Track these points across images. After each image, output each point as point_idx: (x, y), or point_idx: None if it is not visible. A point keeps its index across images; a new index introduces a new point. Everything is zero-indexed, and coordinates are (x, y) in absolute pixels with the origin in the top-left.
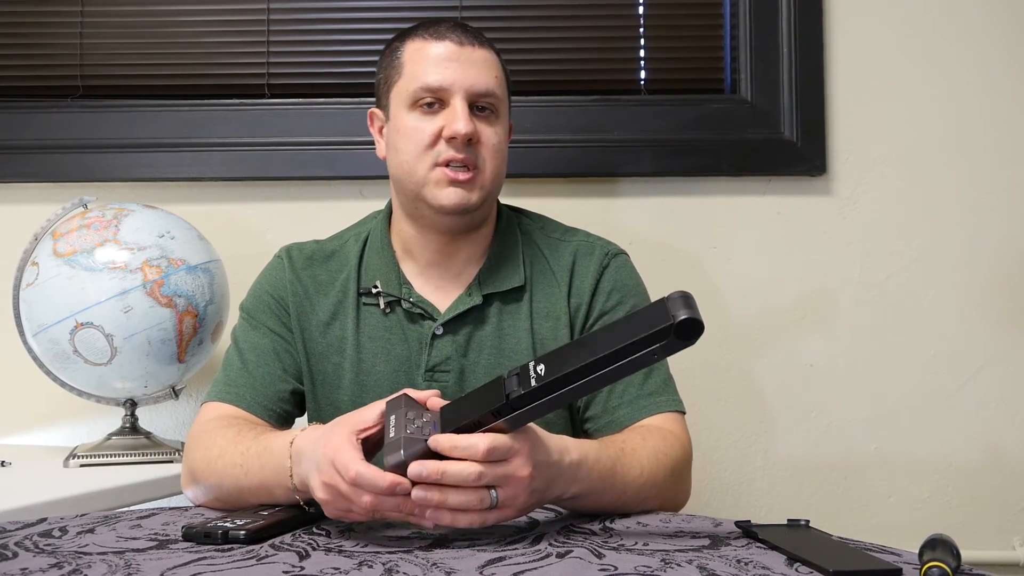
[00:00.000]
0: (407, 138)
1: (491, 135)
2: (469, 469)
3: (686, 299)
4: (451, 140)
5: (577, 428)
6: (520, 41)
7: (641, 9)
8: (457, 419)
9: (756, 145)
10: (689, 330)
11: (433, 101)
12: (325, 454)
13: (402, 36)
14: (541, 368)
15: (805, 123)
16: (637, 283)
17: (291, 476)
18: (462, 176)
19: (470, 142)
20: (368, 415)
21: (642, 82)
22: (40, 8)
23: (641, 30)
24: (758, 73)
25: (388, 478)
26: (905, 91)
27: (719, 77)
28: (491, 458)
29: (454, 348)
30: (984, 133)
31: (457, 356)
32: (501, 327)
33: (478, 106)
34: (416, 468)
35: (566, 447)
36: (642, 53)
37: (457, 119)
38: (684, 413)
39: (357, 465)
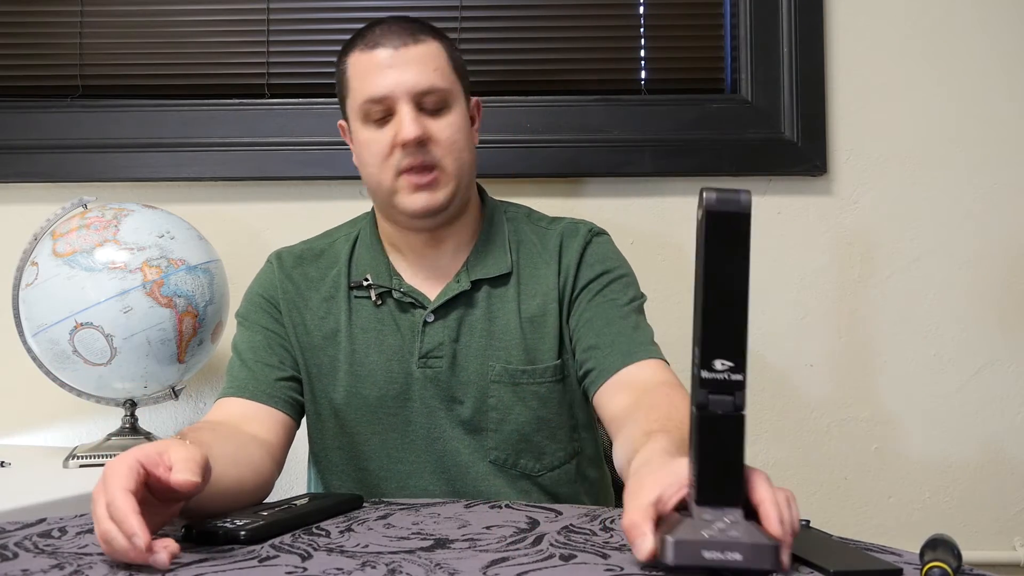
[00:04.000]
0: (367, 151)
1: (443, 128)
2: None
3: None
4: (404, 147)
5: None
6: (520, 41)
7: (642, 9)
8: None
9: (756, 145)
10: None
11: (382, 113)
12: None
13: (345, 49)
14: None
15: (805, 123)
16: (619, 257)
17: None
18: (424, 179)
19: (422, 143)
20: (157, 452)
21: (642, 82)
22: (40, 8)
23: (642, 30)
24: (758, 73)
25: (135, 531)
26: (905, 91)
27: (719, 77)
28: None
29: (446, 334)
30: (984, 133)
31: (449, 341)
32: (490, 310)
33: (425, 104)
34: None
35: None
36: (642, 53)
37: (403, 125)
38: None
39: (114, 494)
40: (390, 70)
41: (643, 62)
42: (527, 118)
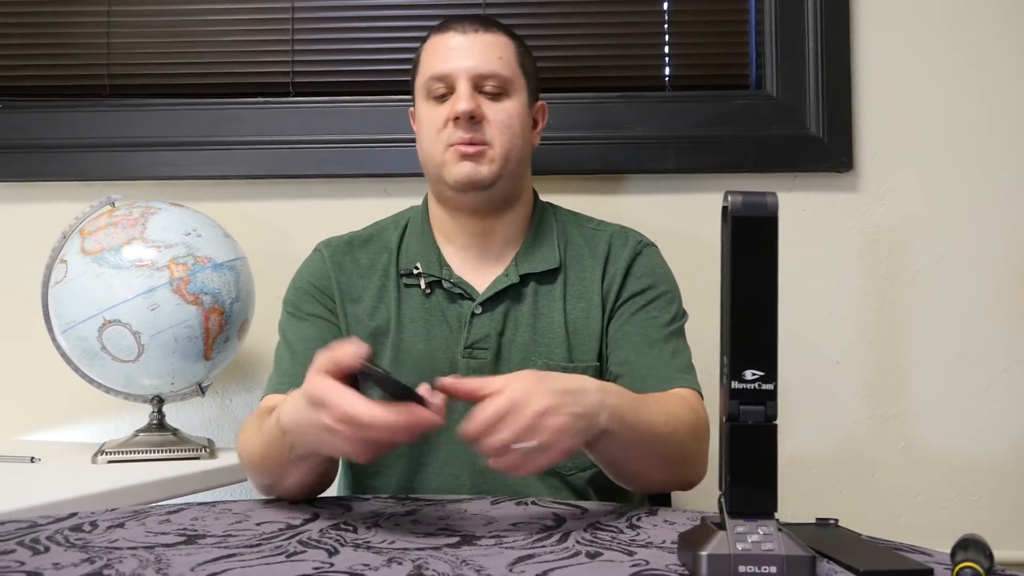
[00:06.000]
0: (424, 125)
1: (499, 112)
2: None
3: None
4: (456, 120)
5: None
6: (543, 37)
7: (665, 5)
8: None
9: (782, 141)
10: None
11: (444, 90)
12: (310, 415)
13: (426, 35)
14: None
15: (831, 119)
16: (667, 272)
17: (289, 450)
18: (471, 149)
19: (475, 120)
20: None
21: (666, 78)
22: (68, 8)
23: (665, 26)
24: (783, 68)
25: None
26: (932, 86)
27: (744, 73)
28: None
29: (492, 326)
30: (1012, 129)
31: (495, 334)
32: (537, 306)
33: (484, 88)
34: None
35: (585, 378)
36: (666, 49)
37: (458, 99)
38: (703, 399)
39: (344, 403)
40: (457, 51)
41: (667, 58)
42: (550, 115)
